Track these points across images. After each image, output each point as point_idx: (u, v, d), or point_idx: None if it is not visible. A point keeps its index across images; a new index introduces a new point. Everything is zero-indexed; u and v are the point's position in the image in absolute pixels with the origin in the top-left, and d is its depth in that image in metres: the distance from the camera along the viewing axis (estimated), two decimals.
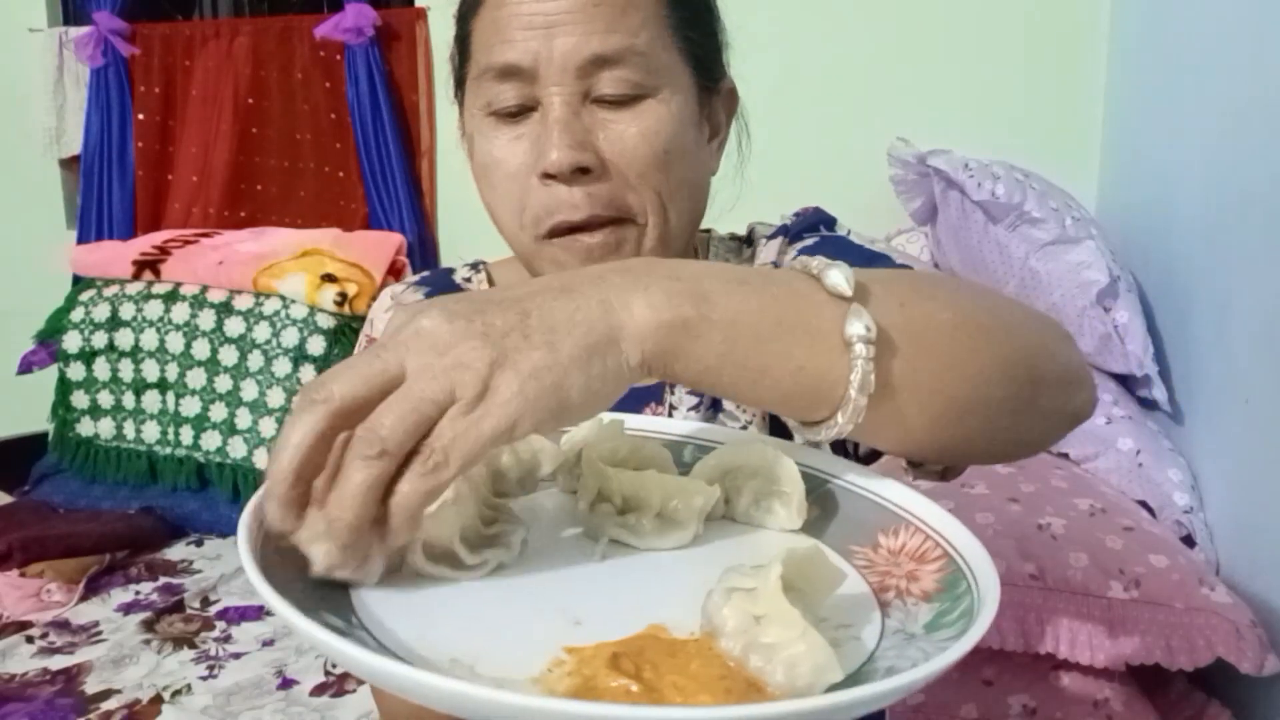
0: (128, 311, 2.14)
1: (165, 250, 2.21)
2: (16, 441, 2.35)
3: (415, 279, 0.85)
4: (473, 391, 0.40)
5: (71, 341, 2.15)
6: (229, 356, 2.07)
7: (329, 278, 2.05)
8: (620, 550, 0.49)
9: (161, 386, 2.13)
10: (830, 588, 0.43)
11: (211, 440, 2.09)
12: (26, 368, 2.21)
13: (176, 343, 2.10)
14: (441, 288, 0.82)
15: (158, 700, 1.45)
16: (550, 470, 0.53)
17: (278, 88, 2.61)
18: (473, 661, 0.38)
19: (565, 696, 0.36)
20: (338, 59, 2.53)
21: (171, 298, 2.13)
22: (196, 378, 2.09)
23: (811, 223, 0.78)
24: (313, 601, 0.40)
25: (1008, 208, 1.74)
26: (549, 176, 0.67)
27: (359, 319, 2.02)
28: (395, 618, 0.41)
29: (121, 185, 2.69)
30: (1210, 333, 1.53)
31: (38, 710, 1.43)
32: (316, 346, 2.03)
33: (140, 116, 2.67)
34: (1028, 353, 0.52)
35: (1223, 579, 1.34)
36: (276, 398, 2.04)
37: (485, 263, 0.85)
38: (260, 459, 2.05)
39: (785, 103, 1.97)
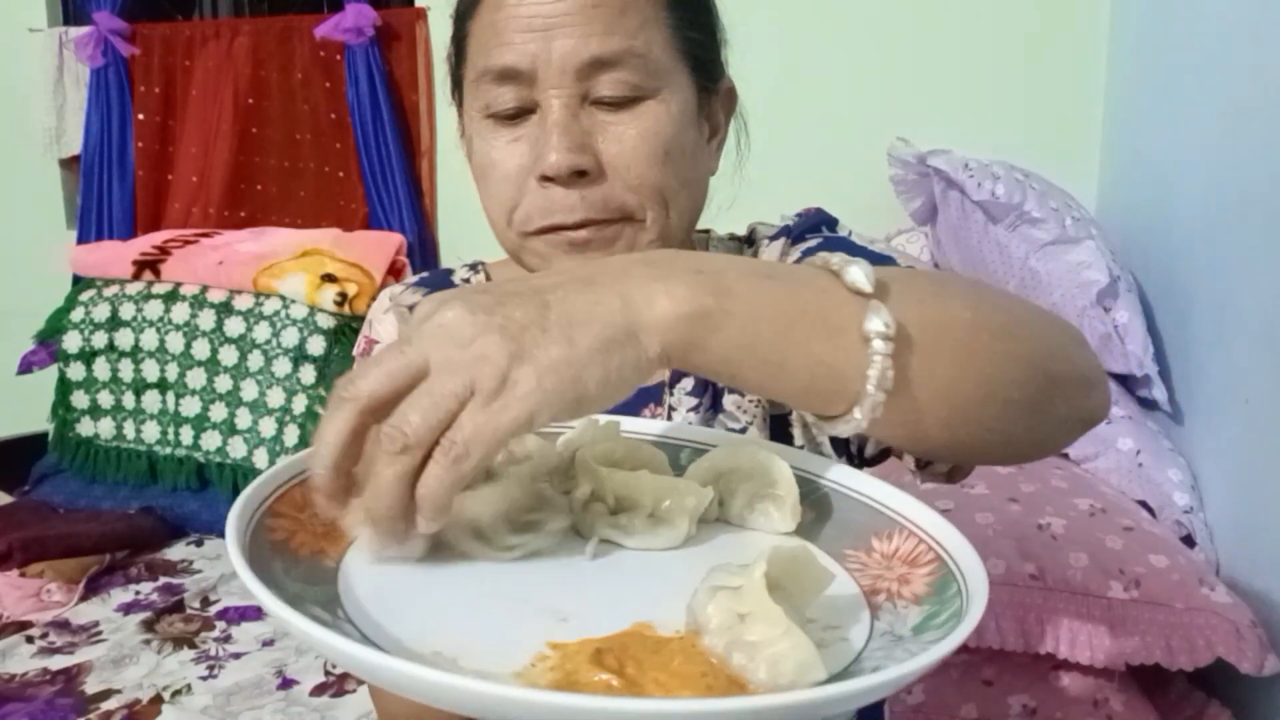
0: (128, 311, 2.14)
1: (165, 250, 2.21)
2: (16, 441, 2.35)
3: (414, 280, 0.85)
4: (492, 384, 0.41)
5: (71, 341, 2.15)
6: (229, 356, 2.07)
7: (329, 278, 2.05)
8: (610, 549, 0.49)
9: (161, 386, 2.13)
10: (818, 588, 0.43)
11: (211, 440, 2.09)
12: (26, 368, 2.21)
13: (176, 343, 2.10)
14: (440, 289, 0.82)
15: (158, 700, 1.45)
16: (546, 471, 0.53)
17: (278, 88, 2.61)
18: (456, 655, 0.38)
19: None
20: (338, 59, 2.53)
21: (171, 298, 2.13)
22: (196, 378, 2.09)
23: (813, 224, 0.78)
24: (300, 596, 0.40)
25: (1008, 208, 1.74)
26: (547, 179, 0.67)
27: (359, 319, 2.02)
28: (382, 612, 0.41)
29: (121, 185, 2.68)
30: (1210, 333, 1.53)
31: (38, 710, 1.43)
32: (316, 346, 2.03)
33: (140, 116, 2.67)
34: (1045, 354, 0.52)
35: (1223, 579, 1.33)
36: (276, 398, 2.04)
37: (484, 263, 0.85)
38: (260, 459, 2.05)
39: (785, 103, 1.97)
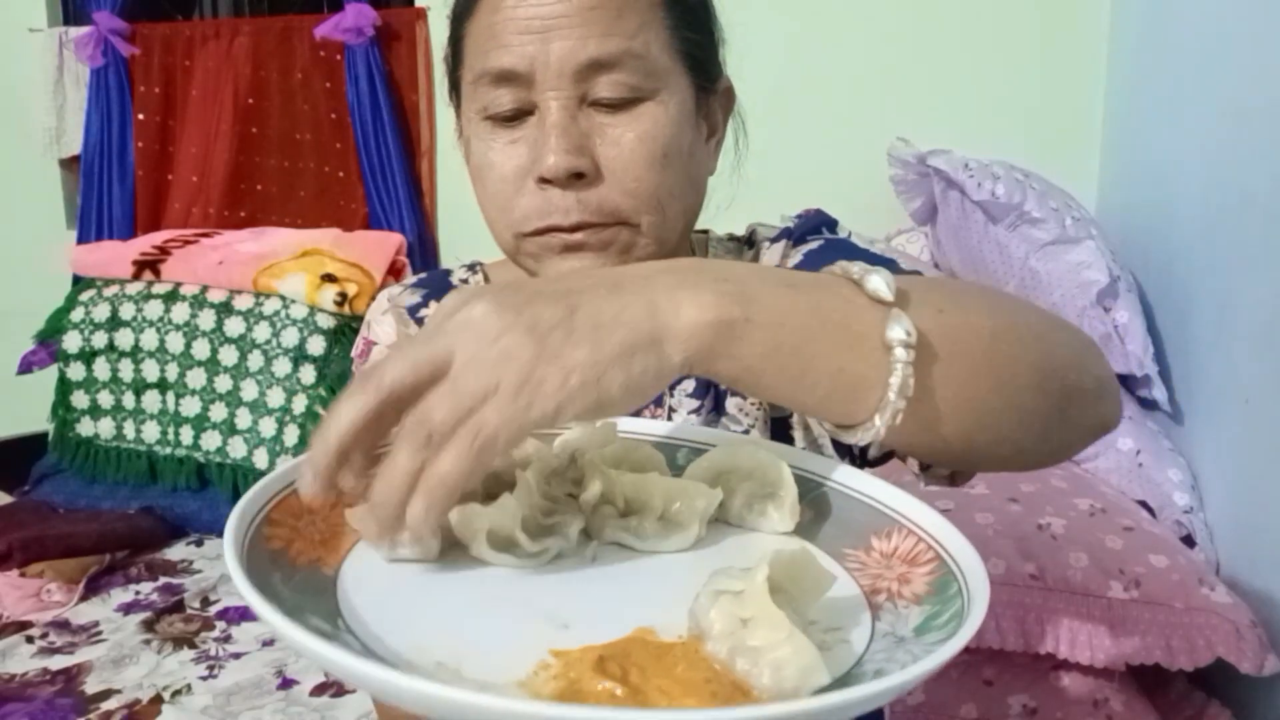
0: (128, 311, 2.14)
1: (165, 250, 2.21)
2: (16, 441, 2.35)
3: (412, 281, 0.85)
4: (516, 381, 0.41)
5: (71, 341, 2.15)
6: (229, 356, 2.07)
7: (329, 278, 2.05)
8: (610, 553, 0.49)
9: (161, 386, 2.13)
10: (819, 590, 0.43)
11: (211, 440, 2.09)
12: (26, 368, 2.21)
13: (176, 343, 2.10)
14: (438, 289, 0.82)
15: (158, 700, 1.45)
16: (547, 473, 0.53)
17: (278, 88, 2.61)
18: (458, 665, 0.38)
19: (550, 700, 0.36)
20: (338, 59, 2.53)
21: (171, 298, 2.13)
22: (196, 378, 2.09)
23: (814, 225, 0.77)
24: (299, 605, 0.40)
25: (1008, 208, 1.73)
26: (545, 181, 0.67)
27: (359, 319, 2.01)
28: (383, 622, 0.41)
29: (121, 185, 2.68)
30: (1210, 333, 1.53)
31: (38, 710, 1.43)
32: (316, 346, 2.03)
33: (140, 116, 2.67)
34: (1061, 363, 0.52)
35: (1223, 579, 1.33)
36: (276, 398, 2.04)
37: (482, 264, 0.85)
38: (260, 459, 2.05)
39: (785, 103, 1.97)
